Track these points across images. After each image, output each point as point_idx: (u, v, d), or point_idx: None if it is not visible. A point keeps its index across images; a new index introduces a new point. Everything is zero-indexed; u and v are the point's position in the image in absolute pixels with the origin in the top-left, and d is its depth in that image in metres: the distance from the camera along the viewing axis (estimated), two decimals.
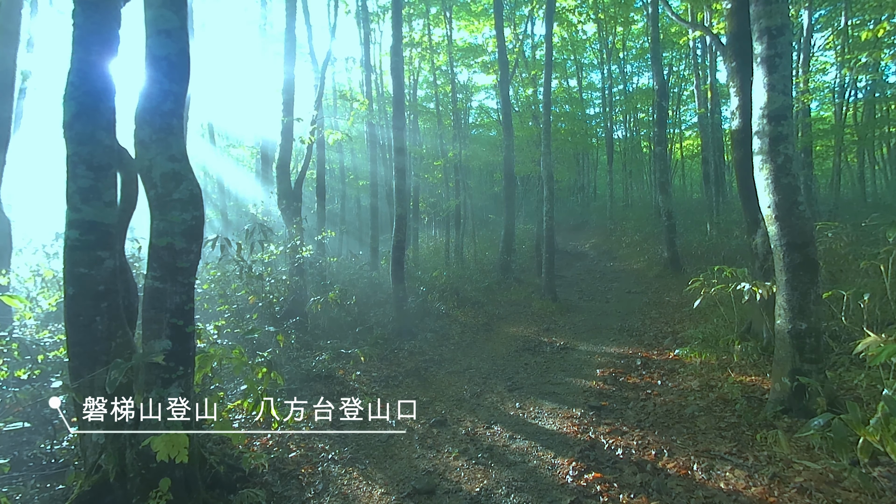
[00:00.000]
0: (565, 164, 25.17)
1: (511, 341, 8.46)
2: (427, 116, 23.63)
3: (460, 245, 17.61)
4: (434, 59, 18.32)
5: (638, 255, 17.64)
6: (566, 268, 17.51)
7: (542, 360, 7.31)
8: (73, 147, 3.18)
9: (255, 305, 6.93)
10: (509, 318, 10.35)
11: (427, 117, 23.78)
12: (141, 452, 2.95)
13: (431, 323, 9.25)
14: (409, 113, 20.76)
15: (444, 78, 20.24)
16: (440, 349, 7.95)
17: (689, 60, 22.33)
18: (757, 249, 6.56)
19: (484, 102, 31.00)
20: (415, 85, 21.26)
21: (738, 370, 5.75)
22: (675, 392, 5.47)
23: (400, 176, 8.44)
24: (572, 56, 26.58)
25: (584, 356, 7.35)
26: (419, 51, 17.25)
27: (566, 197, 30.63)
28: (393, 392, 6.07)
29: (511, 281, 13.56)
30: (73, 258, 3.18)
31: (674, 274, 13.66)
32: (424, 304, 9.86)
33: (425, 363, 7.19)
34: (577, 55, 26.57)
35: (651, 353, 7.16)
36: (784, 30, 4.43)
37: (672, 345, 7.35)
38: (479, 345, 8.35)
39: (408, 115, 21.40)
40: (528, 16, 21.02)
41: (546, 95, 11.47)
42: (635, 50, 26.07)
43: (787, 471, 3.59)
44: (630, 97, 23.96)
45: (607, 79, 23.81)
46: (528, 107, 19.90)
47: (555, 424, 4.96)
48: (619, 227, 21.75)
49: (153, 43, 3.04)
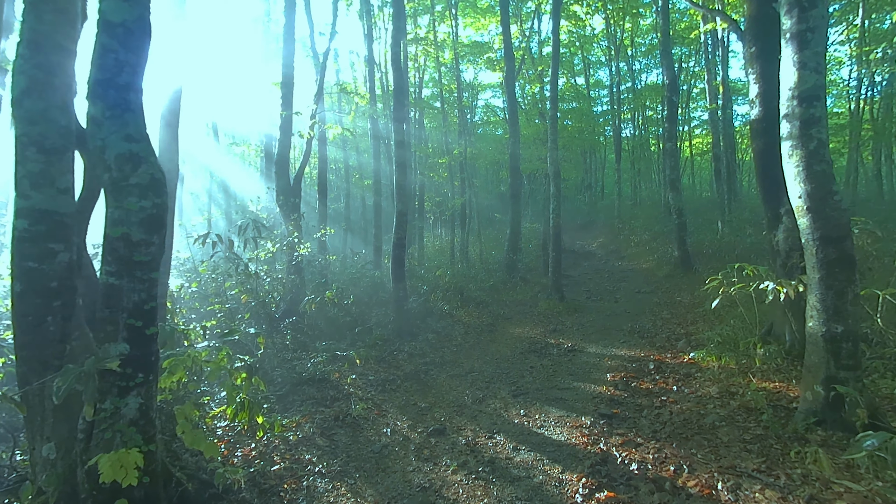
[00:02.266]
0: (572, 162, 24.68)
1: (516, 343, 8.04)
2: (432, 115, 23.24)
3: (465, 244, 17.20)
4: (439, 55, 17.92)
5: (647, 255, 17.14)
6: (573, 267, 17.04)
7: (548, 363, 6.88)
8: (22, 127, 2.81)
9: (247, 305, 6.57)
10: (515, 318, 9.92)
11: (432, 116, 23.39)
12: (91, 472, 2.58)
13: (433, 323, 8.85)
14: (415, 110, 20.42)
15: (450, 76, 19.83)
16: (441, 351, 7.54)
17: (698, 57, 21.78)
18: (779, 246, 6.09)
19: (490, 101, 30.64)
20: (420, 83, 20.90)
21: (761, 375, 5.29)
22: (692, 399, 5.03)
23: (401, 170, 8.04)
24: (580, 53, 26.11)
25: (593, 359, 6.91)
26: (423, 47, 16.82)
27: (573, 196, 30.11)
28: (390, 397, 5.67)
29: (517, 280, 13.14)
30: (22, 251, 2.81)
31: (684, 273, 13.17)
32: (427, 304, 9.46)
33: (425, 366, 6.79)
34: (585, 52, 26.08)
35: (664, 356, 6.71)
36: (817, 2, 3.98)
37: (686, 347, 6.90)
38: (482, 346, 7.94)
39: (413, 112, 21.08)
40: (534, 11, 20.59)
41: (553, 89, 11.03)
42: (644, 46, 25.54)
43: (826, 493, 3.15)
44: (639, 94, 23.41)
45: (615, 75, 23.28)
46: (535, 104, 19.46)
47: (562, 434, 4.53)
48: (627, 225, 21.24)
49: (107, 7, 2.66)
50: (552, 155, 10.96)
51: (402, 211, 8.04)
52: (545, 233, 14.61)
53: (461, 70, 20.11)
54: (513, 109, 13.75)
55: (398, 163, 8.08)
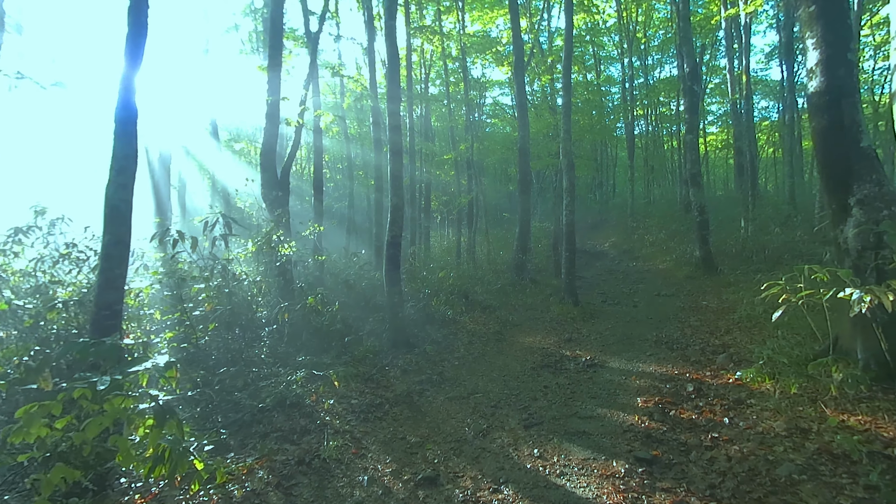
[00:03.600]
0: (583, 159, 23.45)
1: (527, 355, 6.92)
2: (439, 115, 22.12)
3: (473, 244, 16.09)
4: (445, 46, 16.79)
5: (663, 255, 15.92)
6: (586, 268, 15.85)
7: (564, 381, 5.75)
8: None
9: (213, 312, 5.51)
10: (525, 325, 8.80)
11: (439, 115, 22.27)
12: None
13: (434, 331, 7.74)
14: (420, 105, 19.39)
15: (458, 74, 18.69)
16: (441, 365, 6.42)
17: (713, 51, 20.44)
18: (847, 244, 4.89)
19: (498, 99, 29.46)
20: (426, 79, 19.81)
21: (835, 405, 4.12)
22: (752, 437, 3.87)
23: (396, 158, 6.94)
24: (591, 48, 24.85)
25: (617, 377, 5.76)
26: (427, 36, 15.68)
27: (584, 194, 28.83)
28: (373, 428, 4.57)
29: (526, 282, 12.00)
30: None
31: (706, 275, 11.96)
32: (427, 309, 8.36)
33: (420, 385, 5.67)
34: (596, 47, 24.82)
35: (703, 374, 5.55)
36: None
37: (728, 364, 5.72)
38: (488, 359, 6.82)
39: (419, 108, 20.05)
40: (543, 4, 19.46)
41: (566, 71, 9.87)
42: (657, 40, 24.23)
43: None
44: (653, 88, 22.12)
45: (628, 69, 22.03)
46: (545, 98, 18.28)
47: (590, 487, 3.41)
48: (641, 224, 20.01)
49: None
50: (565, 146, 9.81)
51: (398, 205, 6.93)
52: (556, 231, 13.49)
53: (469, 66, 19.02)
54: (521, 99, 12.63)
55: (393, 151, 6.98)
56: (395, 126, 7.05)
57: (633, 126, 23.22)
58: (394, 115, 7.00)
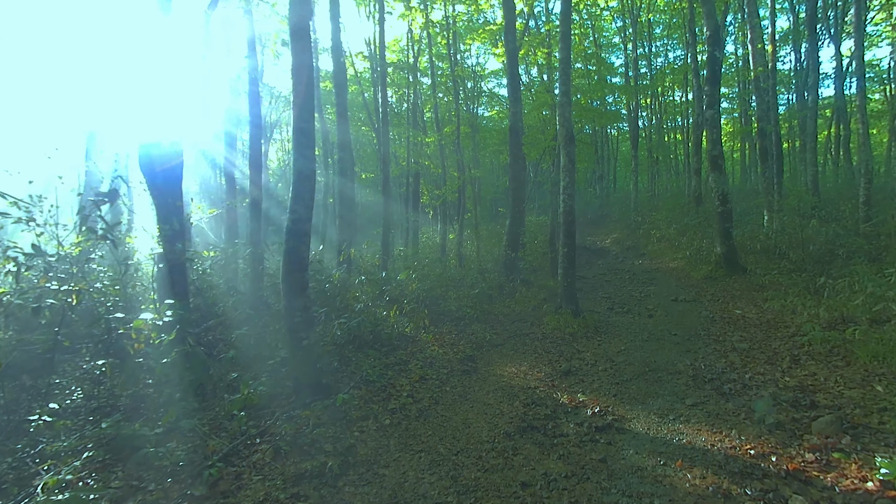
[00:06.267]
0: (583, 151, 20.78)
1: (503, 402, 4.37)
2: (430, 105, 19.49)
3: (461, 240, 13.53)
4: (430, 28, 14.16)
5: (673, 252, 13.29)
6: (586, 266, 13.22)
7: (560, 468, 3.20)
8: None
9: None
10: (507, 345, 6.25)
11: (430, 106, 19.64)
12: None
13: (376, 360, 5.19)
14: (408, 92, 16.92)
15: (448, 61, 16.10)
16: (359, 429, 3.80)
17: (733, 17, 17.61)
18: None
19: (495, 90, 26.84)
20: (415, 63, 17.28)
21: None
22: None
23: (301, 101, 4.20)
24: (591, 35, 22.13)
25: (648, 459, 3.22)
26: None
27: (583, 188, 26.11)
28: None
29: (517, 284, 9.43)
30: None
31: (730, 275, 9.35)
32: (376, 325, 5.80)
33: (305, 480, 3.11)
34: (597, 34, 22.09)
35: (801, 460, 3.01)
36: None
37: (836, 433, 3.17)
38: (441, 412, 4.25)
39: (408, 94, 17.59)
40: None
41: (565, 20, 7.28)
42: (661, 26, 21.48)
43: None
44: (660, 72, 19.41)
45: (632, 52, 19.34)
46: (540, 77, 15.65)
47: None
48: (646, 219, 17.36)
49: None
50: (563, 112, 7.24)
51: (304, 171, 4.11)
52: (553, 223, 10.92)
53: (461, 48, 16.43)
54: (513, 68, 10.05)
55: (296, 82, 4.19)
56: (300, 47, 4.26)
57: (637, 112, 20.51)
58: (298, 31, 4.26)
